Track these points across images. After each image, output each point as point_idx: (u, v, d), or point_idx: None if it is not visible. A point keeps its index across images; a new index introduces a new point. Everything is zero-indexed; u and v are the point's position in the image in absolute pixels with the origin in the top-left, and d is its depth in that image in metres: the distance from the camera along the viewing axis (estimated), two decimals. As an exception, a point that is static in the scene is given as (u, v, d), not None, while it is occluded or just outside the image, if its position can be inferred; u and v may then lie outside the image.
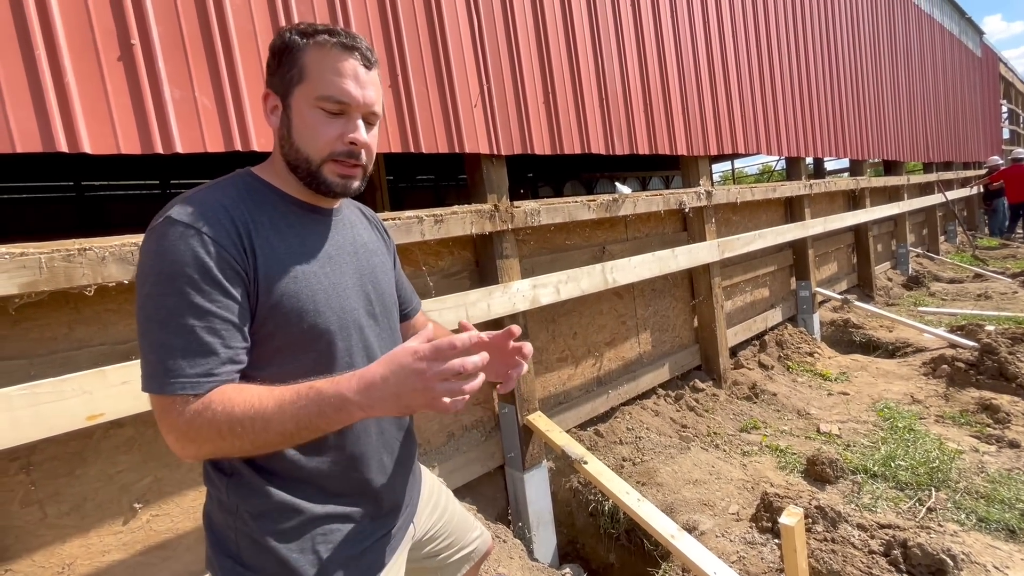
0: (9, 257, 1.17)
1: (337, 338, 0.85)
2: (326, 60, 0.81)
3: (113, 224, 7.42)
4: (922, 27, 7.51)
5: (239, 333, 0.76)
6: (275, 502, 0.81)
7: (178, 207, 0.76)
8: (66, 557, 1.36)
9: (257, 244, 0.78)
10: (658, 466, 2.48)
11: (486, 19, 2.20)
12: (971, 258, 7.80)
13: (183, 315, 0.71)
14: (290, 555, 0.81)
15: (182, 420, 0.70)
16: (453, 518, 1.19)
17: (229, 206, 0.79)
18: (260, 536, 0.81)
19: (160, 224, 0.74)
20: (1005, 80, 13.81)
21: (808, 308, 4.62)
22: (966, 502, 2.18)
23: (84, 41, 1.29)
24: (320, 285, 0.84)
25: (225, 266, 0.74)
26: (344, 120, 0.83)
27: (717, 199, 3.47)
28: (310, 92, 0.81)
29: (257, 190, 0.85)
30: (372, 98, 0.85)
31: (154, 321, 0.72)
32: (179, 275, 0.71)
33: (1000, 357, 3.28)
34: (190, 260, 0.72)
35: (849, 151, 5.33)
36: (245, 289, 0.77)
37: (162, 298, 0.71)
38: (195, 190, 0.81)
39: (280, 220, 0.84)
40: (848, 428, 2.98)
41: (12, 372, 1.28)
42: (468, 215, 2.10)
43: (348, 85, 0.82)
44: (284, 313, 0.80)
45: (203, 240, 0.73)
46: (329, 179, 0.84)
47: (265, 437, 0.70)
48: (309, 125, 0.82)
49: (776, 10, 4.20)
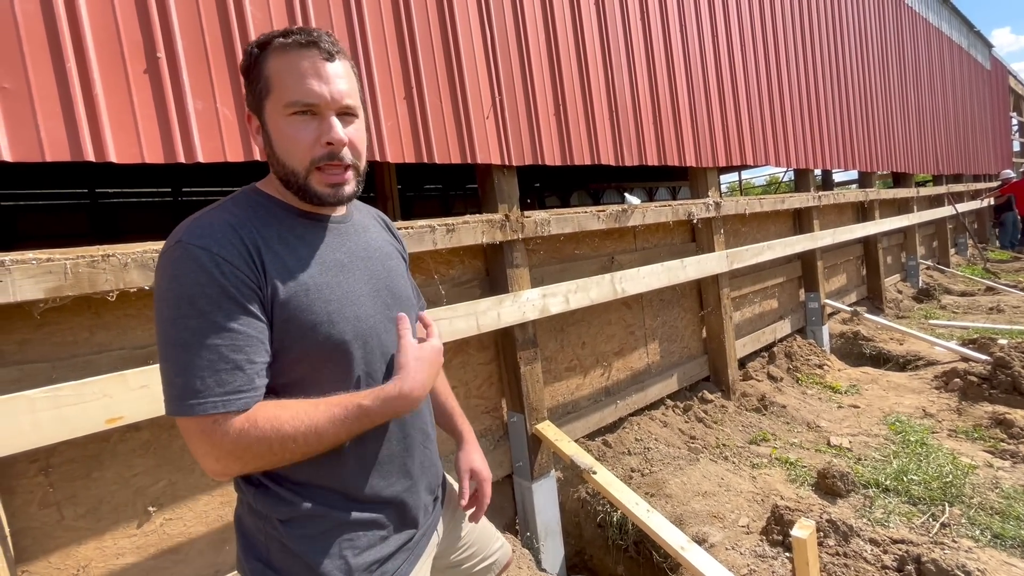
0: (36, 263, 1.20)
1: (353, 347, 0.85)
2: (285, 64, 0.79)
3: (126, 231, 7.53)
4: (930, 40, 7.52)
5: (262, 348, 0.77)
6: (302, 510, 0.82)
7: (188, 230, 0.76)
8: (81, 559, 1.37)
9: (267, 260, 0.79)
10: (667, 477, 2.47)
11: (498, 33, 2.24)
12: (982, 271, 7.73)
13: (206, 335, 0.72)
14: (318, 560, 0.82)
15: (228, 439, 0.71)
16: (476, 527, 1.18)
17: (237, 225, 0.79)
18: (289, 541, 0.82)
19: (172, 248, 0.75)
20: (1015, 93, 13.77)
21: (817, 320, 4.60)
22: (981, 518, 2.15)
23: (112, 53, 1.34)
24: (333, 295, 0.84)
25: (240, 284, 0.75)
26: (317, 121, 0.80)
27: (726, 210, 3.48)
28: (277, 101, 0.79)
29: (263, 205, 0.85)
30: (341, 91, 0.81)
31: (177, 344, 0.72)
32: (198, 296, 0.72)
33: (1014, 371, 3.24)
34: (206, 281, 0.72)
35: (858, 163, 5.32)
36: (261, 305, 0.77)
37: (183, 320, 0.72)
38: (202, 211, 0.81)
39: (288, 233, 0.84)
40: (859, 441, 2.95)
41: (35, 375, 1.30)
42: (479, 224, 2.12)
43: (311, 84, 0.78)
44: (299, 326, 0.80)
45: (216, 261, 0.73)
46: (319, 191, 0.83)
47: (317, 448, 0.77)
48: (285, 136, 0.80)
49: (784, 23, 4.24)
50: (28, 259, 1.20)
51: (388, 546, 0.89)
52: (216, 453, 0.72)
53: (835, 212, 5.38)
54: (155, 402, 1.32)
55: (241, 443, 0.72)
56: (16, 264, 1.18)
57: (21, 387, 1.22)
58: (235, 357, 0.73)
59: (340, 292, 0.85)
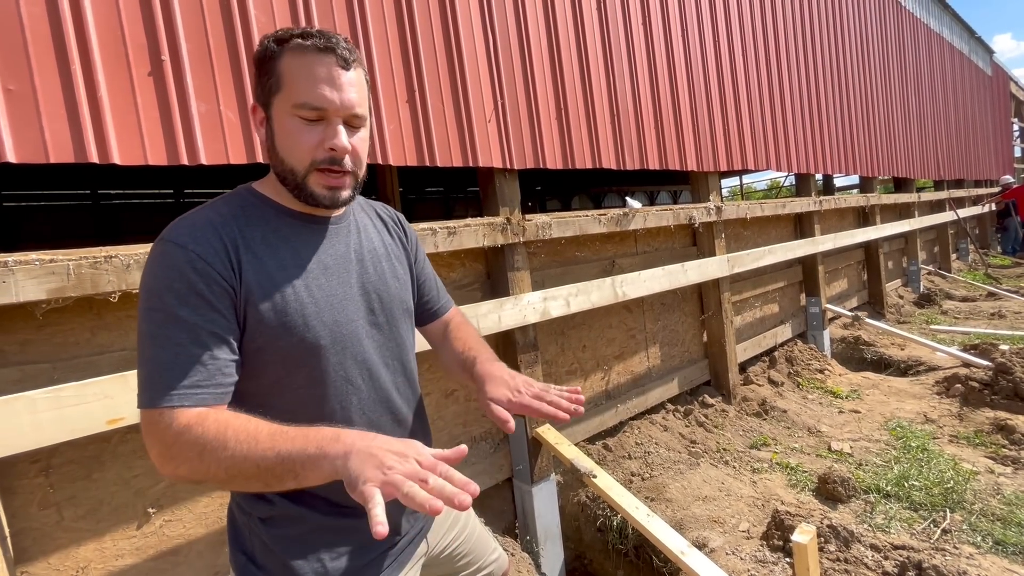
0: (39, 263, 1.21)
1: (329, 353, 0.84)
2: (300, 65, 0.79)
3: (128, 233, 7.55)
4: (932, 46, 7.54)
5: (227, 347, 0.76)
6: (280, 510, 0.83)
7: (172, 228, 0.78)
8: (80, 560, 1.37)
9: (245, 259, 0.79)
10: (667, 482, 2.46)
11: (500, 37, 2.25)
12: (983, 276, 7.73)
13: (170, 329, 0.72)
14: (294, 561, 0.82)
15: (169, 433, 0.69)
16: (472, 536, 1.16)
17: (220, 224, 0.79)
18: (268, 540, 0.84)
19: (155, 244, 0.78)
20: (1016, 99, 13.78)
21: (818, 324, 4.59)
22: (982, 524, 2.15)
23: (117, 56, 1.34)
24: (311, 298, 0.83)
25: (211, 281, 0.75)
26: (323, 126, 0.80)
27: (727, 214, 3.48)
28: (287, 100, 0.79)
29: (254, 205, 0.85)
30: (352, 100, 0.81)
31: (146, 336, 0.73)
32: (166, 290, 0.73)
33: (1015, 377, 3.23)
34: (176, 277, 0.73)
35: (859, 168, 5.33)
36: (232, 303, 0.77)
37: (151, 313, 0.73)
38: (193, 210, 0.82)
39: (272, 234, 0.83)
40: (860, 447, 2.94)
41: (36, 376, 1.31)
42: (481, 228, 2.13)
43: (323, 90, 0.79)
44: (272, 327, 0.79)
45: (189, 257, 0.74)
46: (316, 191, 0.82)
47: (243, 481, 0.69)
48: (289, 134, 0.80)
49: (785, 27, 4.25)
50: (31, 260, 1.20)
51: (369, 552, 0.89)
52: (158, 447, 0.70)
53: (836, 217, 5.38)
54: (156, 403, 1.32)
55: (180, 440, 0.69)
56: (19, 265, 1.18)
57: (22, 388, 1.23)
58: (195, 352, 0.73)
59: (319, 295, 0.84)
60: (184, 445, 0.69)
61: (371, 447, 0.65)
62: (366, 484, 0.60)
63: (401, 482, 0.60)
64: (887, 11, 6.15)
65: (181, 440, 0.69)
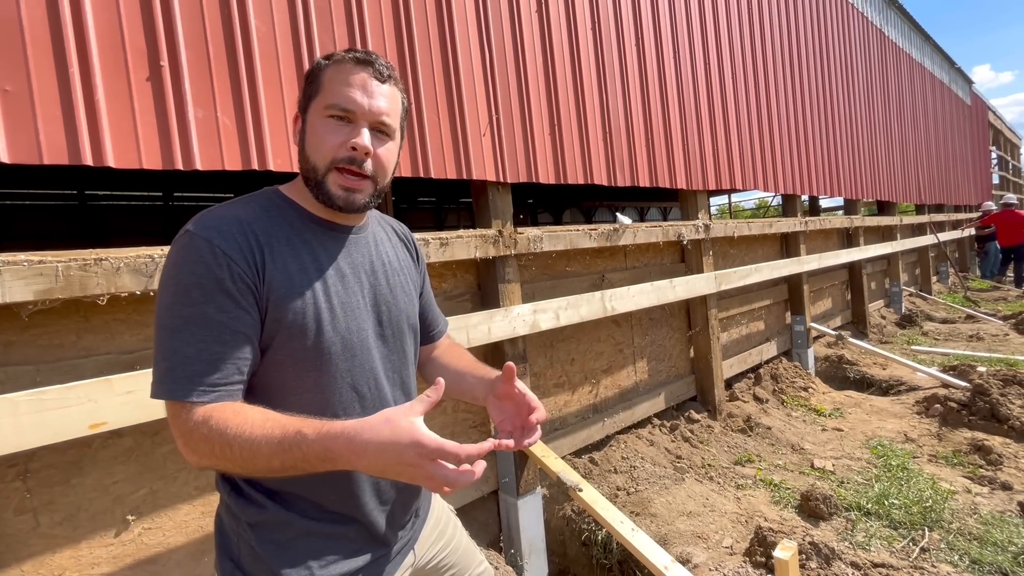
0: (27, 264, 1.20)
1: (340, 359, 0.85)
2: (338, 72, 0.84)
3: (115, 235, 7.45)
4: (913, 75, 7.79)
5: (248, 345, 0.78)
6: (270, 514, 0.83)
7: (199, 219, 0.79)
8: (55, 568, 1.34)
9: (268, 260, 0.80)
10: (652, 496, 2.47)
11: (497, 54, 2.29)
12: (963, 299, 7.91)
13: (195, 325, 0.74)
14: (281, 568, 0.82)
15: (186, 428, 0.72)
16: (459, 548, 1.15)
17: (245, 221, 0.81)
18: (256, 545, 0.83)
19: (181, 235, 0.78)
20: (994, 127, 14.25)
21: (803, 343, 4.66)
22: (959, 543, 2.18)
23: (116, 60, 1.35)
24: (327, 304, 0.84)
25: (236, 278, 0.76)
26: (350, 128, 0.83)
27: (715, 232, 3.54)
28: (320, 103, 0.84)
29: (279, 207, 0.87)
30: (381, 107, 0.85)
31: (168, 329, 0.74)
32: (193, 286, 0.74)
33: (992, 398, 3.31)
34: (203, 272, 0.74)
35: (843, 190, 5.46)
36: (256, 302, 0.79)
37: (176, 307, 0.74)
38: (220, 204, 0.83)
39: (296, 237, 0.85)
40: (842, 464, 2.98)
41: (19, 378, 1.29)
42: (473, 239, 2.15)
43: (354, 93, 0.83)
44: (288, 329, 0.81)
45: (215, 252, 0.75)
46: (332, 191, 0.84)
47: (254, 465, 0.71)
48: (316, 132, 0.84)
49: (774, 53, 4.37)
50: (19, 261, 1.19)
51: (357, 561, 0.88)
52: (181, 439, 0.74)
53: (821, 237, 5.49)
54: (140, 408, 1.31)
55: (194, 435, 0.72)
56: (7, 265, 1.17)
57: (4, 390, 1.21)
58: (218, 350, 0.75)
59: (337, 301, 0.86)
60: (198, 441, 0.72)
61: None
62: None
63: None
64: (871, 41, 6.36)
65: (194, 436, 0.72)
